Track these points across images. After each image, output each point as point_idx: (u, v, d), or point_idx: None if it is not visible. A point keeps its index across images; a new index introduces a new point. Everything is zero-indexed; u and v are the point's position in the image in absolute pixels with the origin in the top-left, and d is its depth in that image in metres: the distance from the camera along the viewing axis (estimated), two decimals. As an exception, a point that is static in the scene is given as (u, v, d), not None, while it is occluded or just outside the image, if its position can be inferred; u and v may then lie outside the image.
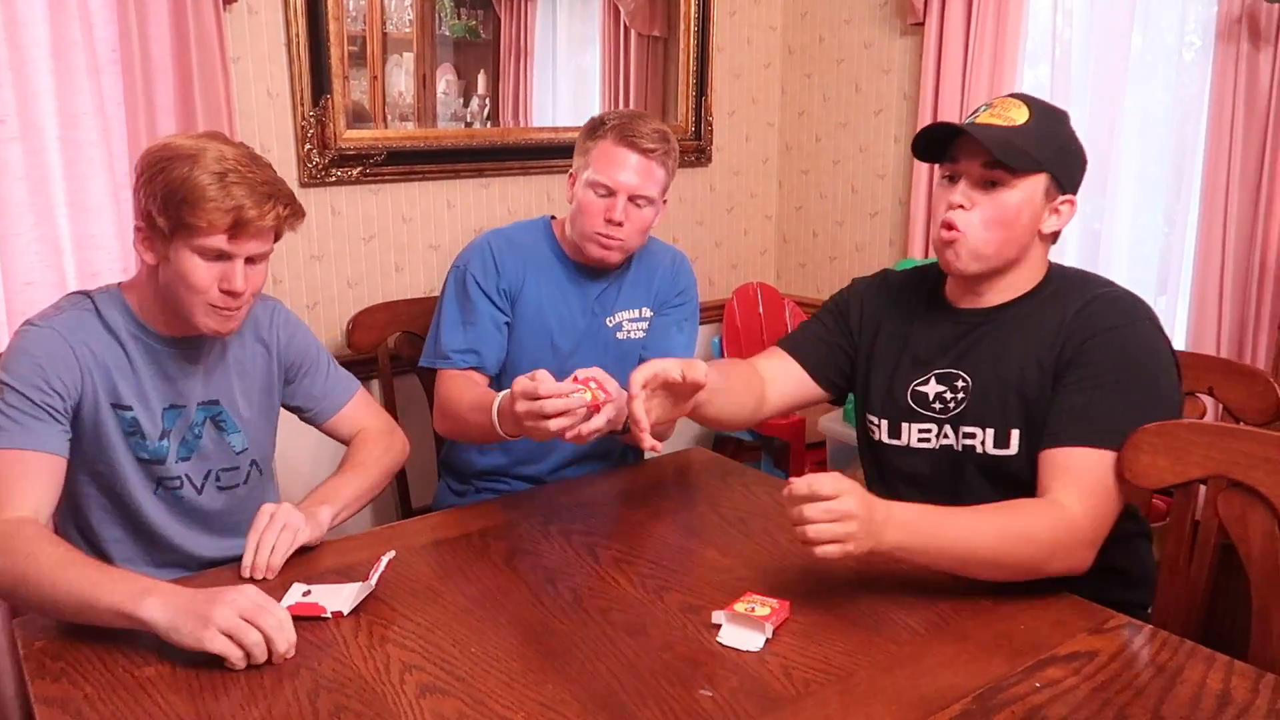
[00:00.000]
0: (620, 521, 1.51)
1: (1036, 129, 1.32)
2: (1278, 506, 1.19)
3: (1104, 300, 1.34)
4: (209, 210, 1.25)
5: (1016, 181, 1.31)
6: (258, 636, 1.08)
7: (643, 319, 1.86)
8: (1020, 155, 1.30)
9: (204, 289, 1.31)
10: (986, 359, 1.38)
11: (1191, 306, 2.08)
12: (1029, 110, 1.33)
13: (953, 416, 1.40)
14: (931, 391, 1.41)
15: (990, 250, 1.34)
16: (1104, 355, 1.28)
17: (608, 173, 1.68)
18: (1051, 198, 1.34)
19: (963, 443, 1.39)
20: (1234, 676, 1.07)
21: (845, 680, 1.07)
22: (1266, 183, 1.92)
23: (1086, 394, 1.28)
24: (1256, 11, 1.90)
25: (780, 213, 3.03)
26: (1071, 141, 1.37)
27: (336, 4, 2.07)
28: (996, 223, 1.32)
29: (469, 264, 1.78)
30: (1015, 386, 1.35)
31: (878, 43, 2.67)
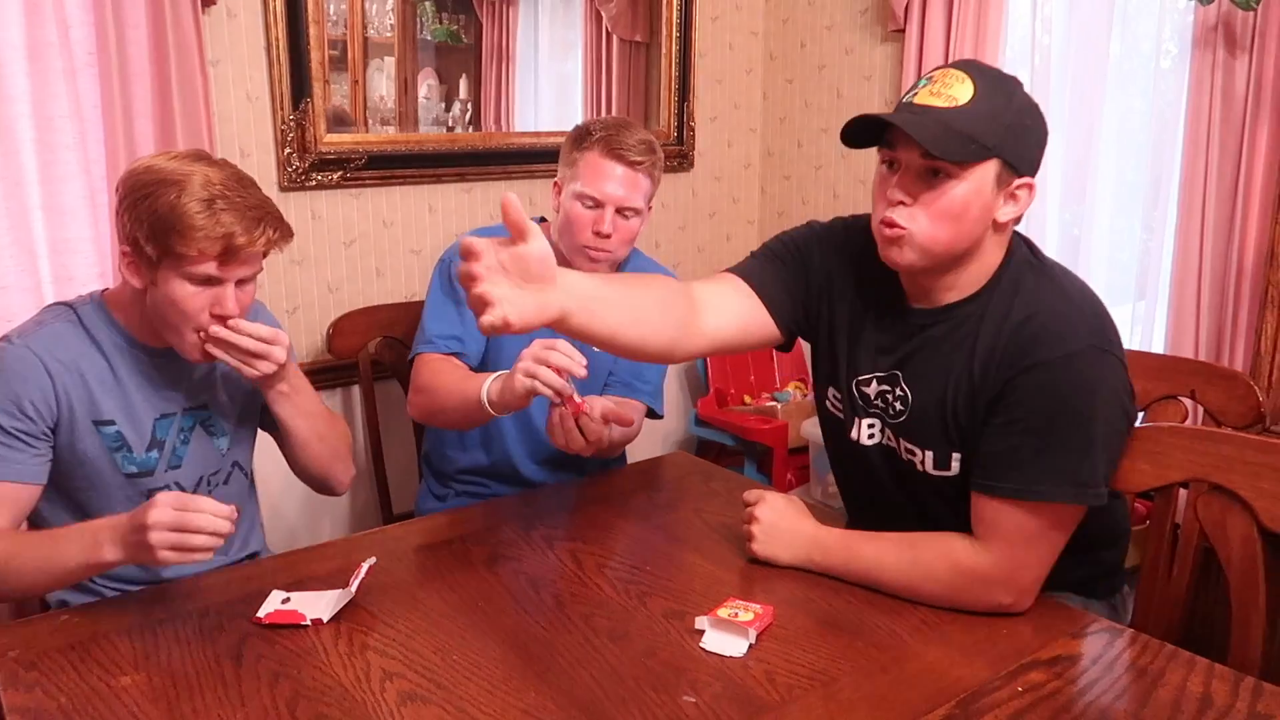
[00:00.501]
0: (603, 526, 1.51)
1: (981, 107, 1.16)
2: (1256, 510, 1.20)
3: (1041, 320, 1.19)
4: (198, 239, 1.24)
5: (963, 171, 1.16)
6: (201, 539, 1.13)
7: None
8: (962, 146, 1.15)
9: (194, 314, 1.30)
10: (926, 373, 1.28)
11: (1170, 311, 2.09)
12: (973, 85, 1.16)
13: (894, 424, 1.33)
14: (874, 391, 1.34)
15: (940, 247, 1.20)
16: (1034, 393, 1.17)
17: (595, 185, 1.68)
18: (1005, 183, 1.19)
19: (905, 456, 1.33)
20: (1214, 680, 1.08)
21: (829, 686, 1.07)
22: (1243, 188, 1.94)
23: (1014, 438, 1.18)
24: (1232, 20, 1.92)
25: (763, 218, 3.03)
26: (1024, 116, 1.20)
27: (317, 7, 2.05)
28: (943, 216, 1.18)
29: (453, 258, 1.78)
30: (951, 409, 1.25)
31: (859, 49, 2.68)
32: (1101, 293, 1.32)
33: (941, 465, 1.29)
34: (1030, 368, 1.17)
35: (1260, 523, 1.20)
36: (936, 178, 1.17)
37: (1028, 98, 1.22)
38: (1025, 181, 1.21)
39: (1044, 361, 1.16)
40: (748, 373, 2.86)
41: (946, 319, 1.27)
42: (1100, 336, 1.19)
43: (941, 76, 1.19)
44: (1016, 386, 1.18)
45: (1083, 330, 1.18)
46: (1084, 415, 1.16)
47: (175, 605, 1.16)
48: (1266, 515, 1.19)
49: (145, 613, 1.21)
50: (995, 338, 1.21)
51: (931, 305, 1.28)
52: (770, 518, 1.33)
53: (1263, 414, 1.56)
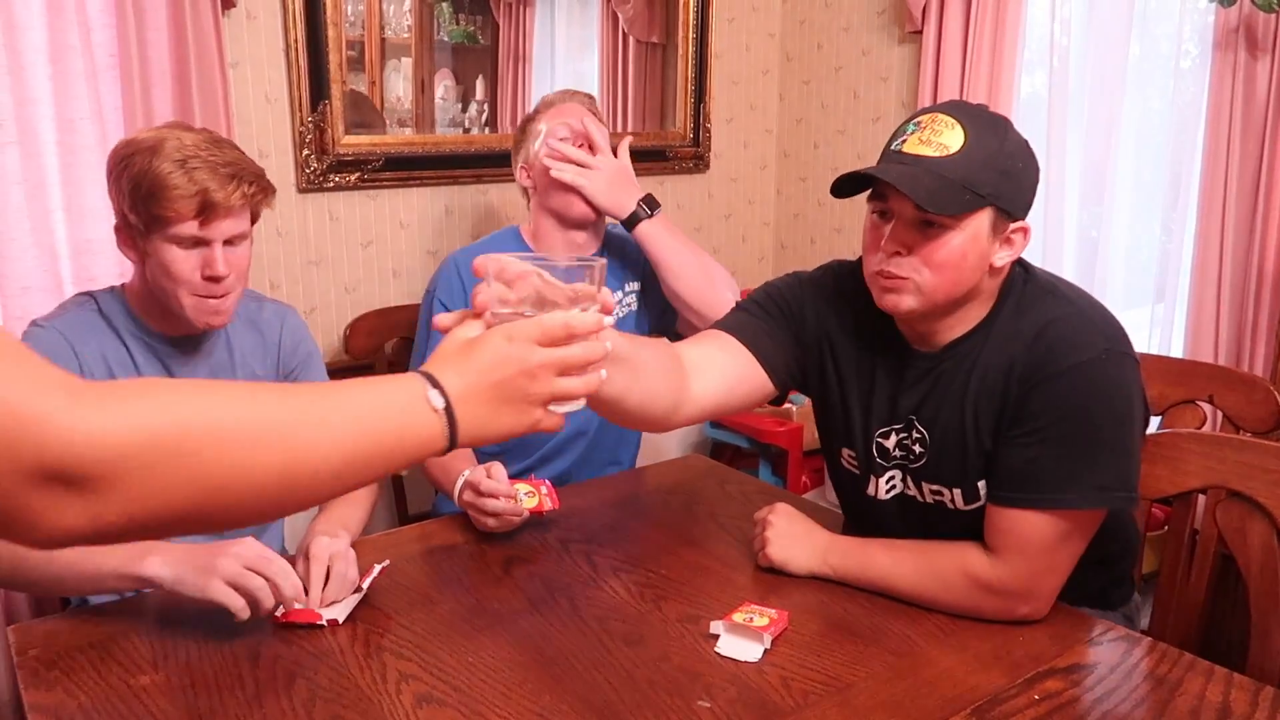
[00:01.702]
0: (618, 530, 1.51)
1: (973, 155, 1.13)
2: (1276, 517, 1.19)
3: (1055, 331, 1.17)
4: (175, 199, 1.26)
5: (958, 221, 1.14)
6: (261, 582, 1.12)
7: (629, 293, 1.90)
8: (956, 198, 1.13)
9: (186, 278, 1.31)
10: (941, 409, 1.25)
11: (1189, 314, 2.08)
12: (963, 131, 1.14)
13: (914, 470, 1.29)
14: (891, 443, 1.31)
15: (940, 295, 1.18)
16: (1050, 404, 1.15)
17: (564, 117, 1.80)
18: (1000, 229, 1.17)
19: (931, 498, 1.30)
20: (1233, 689, 1.07)
21: (844, 692, 1.07)
22: (1264, 191, 1.92)
23: (1031, 449, 1.16)
24: (1254, 21, 1.90)
25: (778, 220, 3.03)
26: (1016, 159, 1.17)
27: (335, 9, 2.06)
28: (941, 266, 1.16)
29: (436, 288, 1.80)
30: (974, 439, 1.22)
31: (876, 50, 2.67)
32: (1119, 295, 1.34)
33: (970, 499, 1.25)
34: (1050, 378, 1.15)
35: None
36: (932, 228, 1.15)
37: (1019, 138, 1.20)
38: (1020, 226, 1.19)
39: (1064, 370, 1.15)
40: (763, 374, 2.85)
41: (951, 355, 1.25)
42: (1114, 340, 1.17)
43: (930, 122, 1.16)
44: (1035, 398, 1.16)
45: (1097, 336, 1.17)
46: (1106, 419, 1.15)
47: (193, 604, 1.16)
48: (1287, 523, 1.18)
49: (164, 612, 1.22)
50: (1011, 357, 1.19)
51: (933, 348, 1.26)
52: (783, 525, 1.33)
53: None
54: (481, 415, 0.81)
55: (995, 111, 1.23)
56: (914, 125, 1.18)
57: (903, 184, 1.12)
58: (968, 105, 1.21)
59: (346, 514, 1.44)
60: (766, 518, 1.35)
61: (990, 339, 1.22)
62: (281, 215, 2.11)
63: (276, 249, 2.12)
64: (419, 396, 0.79)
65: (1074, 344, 1.16)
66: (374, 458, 0.77)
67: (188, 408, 0.68)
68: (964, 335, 1.24)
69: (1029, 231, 1.20)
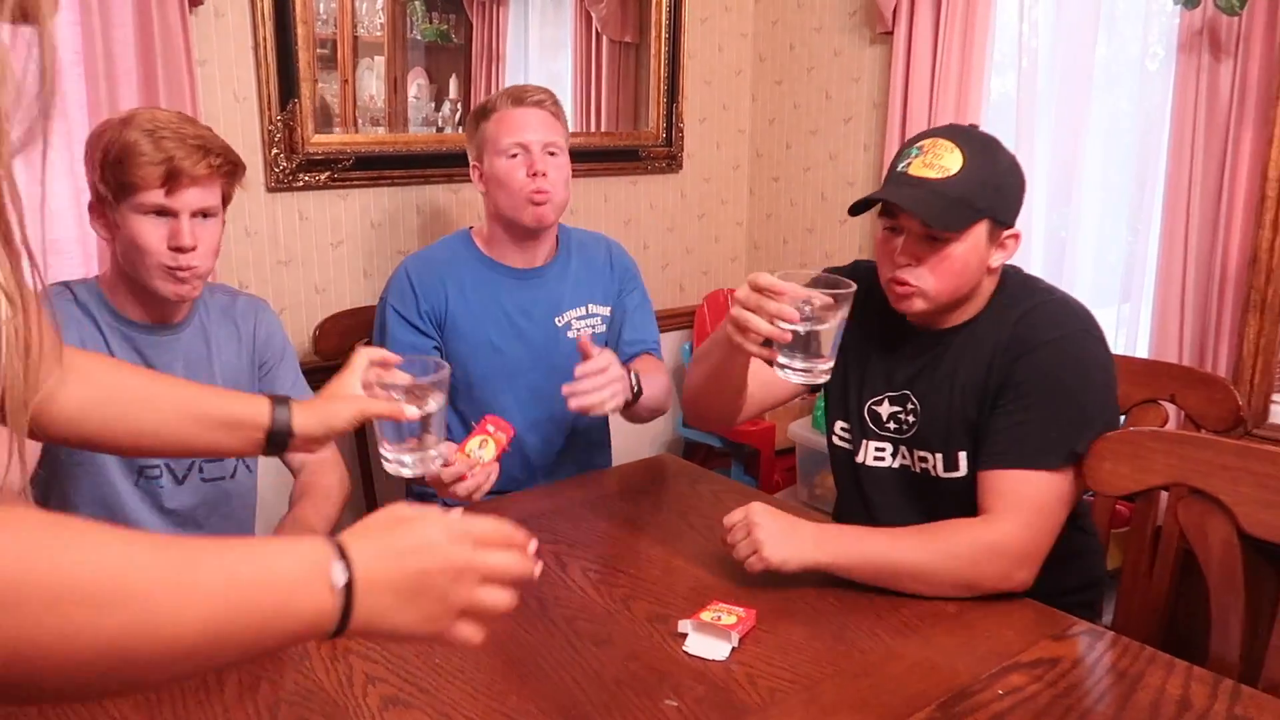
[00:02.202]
0: (588, 529, 1.51)
1: (972, 175, 1.30)
2: (1236, 514, 1.21)
3: (1036, 314, 1.34)
4: (142, 165, 1.29)
5: (959, 235, 1.31)
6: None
7: (593, 316, 1.86)
8: (958, 215, 1.29)
9: (154, 249, 1.33)
10: (935, 382, 1.40)
11: (1154, 314, 2.11)
12: (962, 154, 1.30)
13: (907, 439, 1.43)
14: (885, 412, 1.44)
15: (946, 296, 1.35)
16: (1033, 373, 1.30)
17: (514, 134, 1.72)
18: (995, 237, 1.34)
19: (919, 465, 1.43)
20: (1193, 682, 1.08)
21: (811, 689, 1.07)
22: (1227, 192, 1.95)
23: (1018, 414, 1.30)
24: (1217, 24, 1.93)
25: (751, 219, 3.04)
26: (1008, 176, 1.35)
27: (305, 7, 2.05)
28: (947, 273, 1.33)
29: (389, 294, 1.78)
30: (958, 410, 1.37)
31: (847, 51, 2.69)
32: (1087, 295, 1.43)
33: (949, 466, 1.39)
34: (1033, 349, 1.31)
35: (1240, 527, 1.21)
36: (937, 241, 1.31)
37: (1008, 156, 1.36)
38: (1013, 232, 1.36)
39: (1042, 343, 1.31)
40: (736, 373, 2.86)
41: (954, 339, 1.40)
42: (1089, 324, 1.34)
43: (931, 147, 1.32)
44: (1019, 369, 1.31)
45: (1073, 319, 1.34)
46: (1079, 388, 1.30)
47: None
48: (1246, 519, 1.20)
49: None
50: (997, 339, 1.35)
51: (935, 328, 1.42)
52: (770, 524, 1.27)
53: (1242, 418, 1.57)
54: (385, 605, 0.71)
55: (984, 132, 1.39)
56: (917, 149, 1.33)
57: (914, 207, 1.29)
58: (962, 128, 1.37)
59: (318, 511, 1.44)
60: (751, 520, 1.27)
61: (987, 321, 1.38)
62: (250, 215, 2.09)
63: (246, 249, 2.10)
64: (319, 568, 0.68)
65: (1053, 322, 1.33)
66: (245, 633, 0.64)
67: (12, 552, 0.56)
68: (965, 321, 1.40)
69: (1020, 236, 1.37)
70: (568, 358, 1.81)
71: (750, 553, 1.25)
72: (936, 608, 1.23)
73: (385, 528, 0.75)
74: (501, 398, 1.78)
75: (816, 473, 2.63)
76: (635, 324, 1.90)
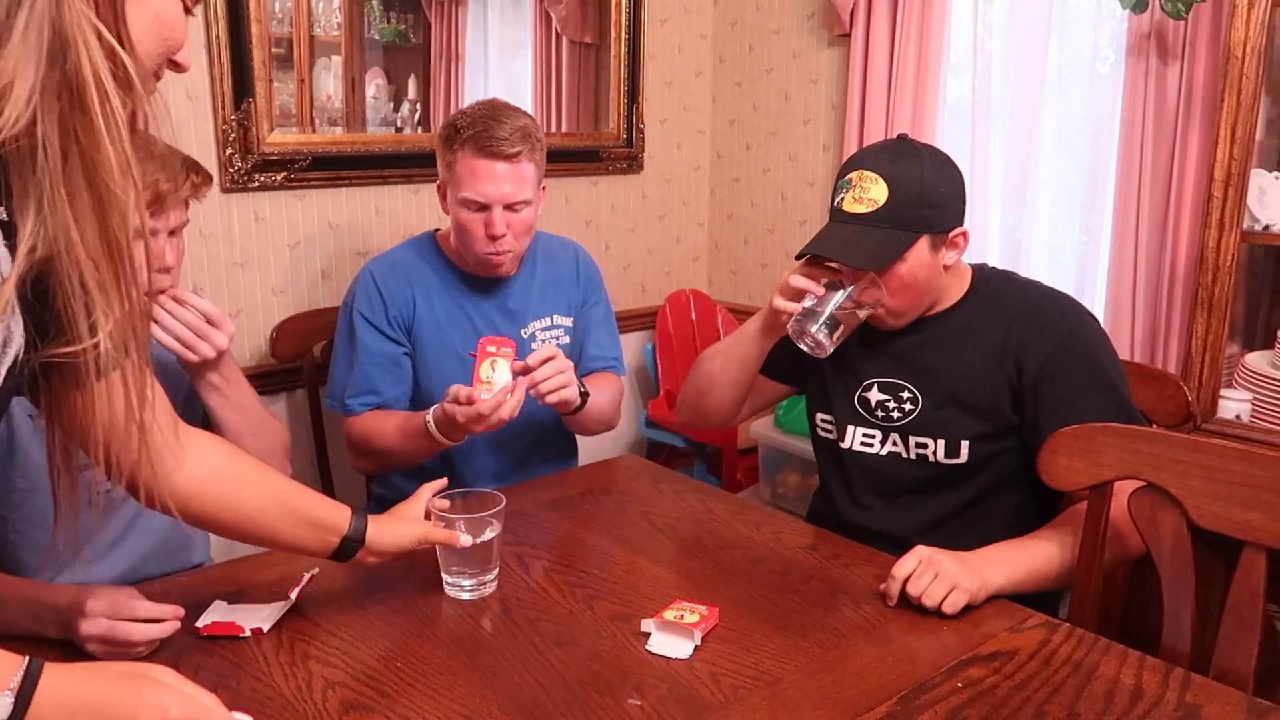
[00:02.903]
0: (550, 530, 1.50)
1: (899, 202, 1.36)
2: (1186, 506, 1.23)
3: (1043, 307, 1.43)
4: None
5: (900, 257, 1.37)
6: (137, 646, 1.07)
7: (557, 327, 1.84)
8: (889, 248, 1.36)
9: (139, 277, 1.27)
10: (932, 371, 1.46)
11: (1107, 312, 2.15)
12: (886, 184, 1.36)
13: (901, 427, 1.48)
14: (874, 399, 1.49)
15: (908, 306, 1.43)
16: (1072, 365, 1.39)
17: (476, 188, 1.61)
18: (940, 244, 1.40)
19: (915, 452, 1.47)
20: (1145, 671, 1.11)
21: (773, 685, 1.08)
22: (1175, 193, 1.99)
23: (1077, 404, 1.36)
24: (1164, 28, 1.97)
25: (712, 220, 3.05)
26: (937, 187, 1.38)
27: (259, 6, 2.02)
28: (899, 291, 1.40)
29: (355, 299, 1.74)
30: (967, 400, 1.43)
31: (806, 53, 2.71)
32: None
33: (951, 453, 1.45)
34: (1059, 344, 1.39)
35: (1190, 519, 1.23)
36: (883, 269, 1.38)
37: (935, 167, 1.40)
38: (959, 231, 1.42)
39: (1067, 335, 1.39)
40: (698, 374, 2.87)
41: (935, 324, 1.47)
42: (1082, 306, 1.46)
43: (859, 180, 1.38)
44: (1054, 364, 1.38)
45: (1072, 308, 1.44)
46: (1109, 361, 1.40)
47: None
48: (1195, 511, 1.23)
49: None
50: (1004, 332, 1.42)
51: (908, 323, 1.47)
52: (949, 559, 1.23)
53: (1192, 413, 1.60)
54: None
55: (910, 141, 1.43)
56: (846, 184, 1.40)
57: (843, 256, 1.38)
58: (890, 147, 1.42)
59: None
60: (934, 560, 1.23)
61: (975, 309, 1.46)
62: (205, 216, 2.06)
63: (200, 250, 2.06)
64: None
65: (1064, 312, 1.43)
66: None
67: None
68: (942, 311, 1.47)
69: (968, 234, 1.43)
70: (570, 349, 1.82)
71: (947, 590, 1.21)
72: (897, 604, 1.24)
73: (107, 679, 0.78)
74: None
75: (779, 472, 2.65)
76: (599, 340, 1.89)
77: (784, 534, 1.48)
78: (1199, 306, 1.85)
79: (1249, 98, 1.74)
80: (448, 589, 1.29)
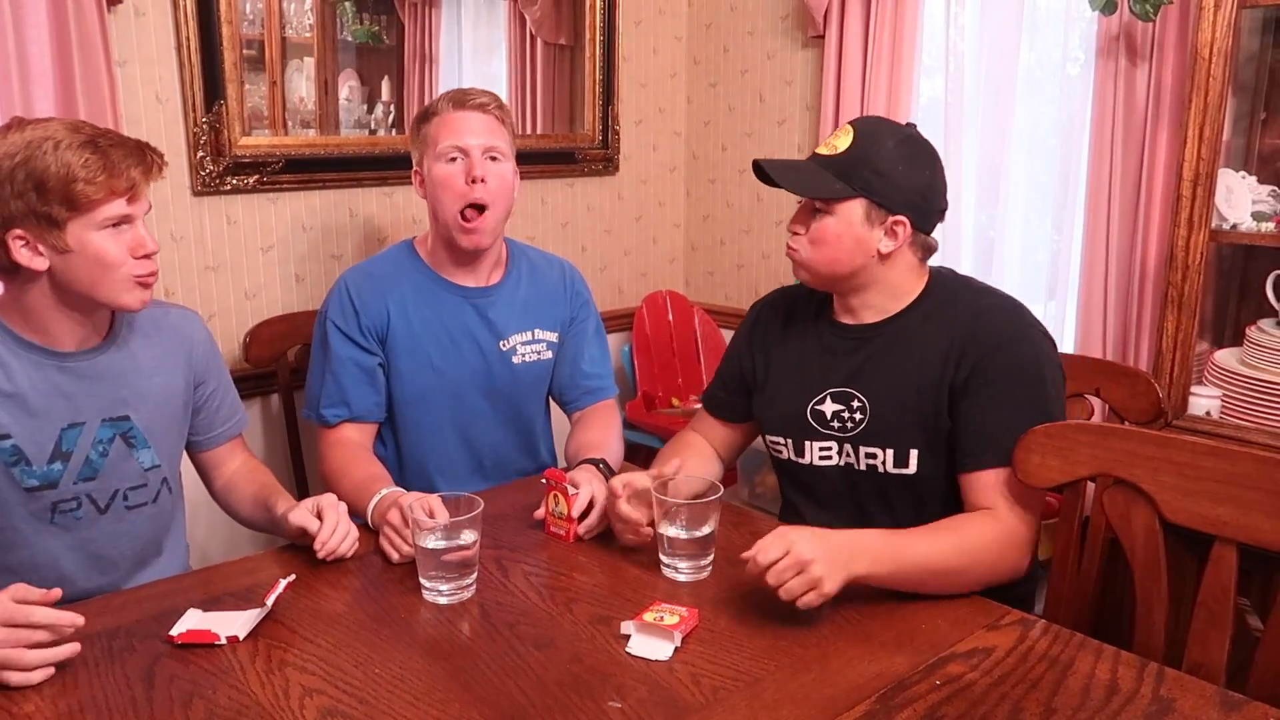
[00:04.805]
0: (529, 535, 1.50)
1: (854, 155, 1.37)
2: (1158, 502, 1.25)
3: (991, 314, 1.40)
4: (102, 181, 1.24)
5: (833, 207, 1.38)
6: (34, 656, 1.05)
7: (539, 341, 1.81)
8: (825, 186, 1.37)
9: (120, 261, 1.28)
10: (880, 379, 1.43)
11: (1079, 310, 2.17)
12: (853, 136, 1.39)
13: (852, 436, 1.45)
14: (829, 410, 1.46)
15: (821, 268, 1.42)
16: (998, 374, 1.35)
17: (454, 138, 1.64)
18: (878, 220, 1.38)
19: (865, 462, 1.45)
20: (1120, 666, 1.12)
21: (753, 686, 1.08)
22: (1144, 193, 2.02)
23: (988, 414, 1.35)
24: (1133, 29, 1.99)
25: (688, 221, 3.05)
26: (895, 163, 1.37)
27: (230, 7, 2.00)
28: (817, 242, 1.40)
29: (328, 309, 1.72)
30: (913, 407, 1.40)
31: (780, 54, 2.72)
32: (1015, 292, 1.50)
33: (900, 463, 1.42)
34: (993, 348, 1.36)
35: (1161, 514, 1.25)
36: (817, 214, 1.39)
37: (905, 147, 1.39)
38: (897, 219, 1.38)
39: (1004, 341, 1.36)
40: (675, 375, 2.88)
41: (883, 332, 1.44)
42: (1036, 323, 1.42)
43: (838, 130, 1.42)
44: (982, 368, 1.36)
45: (1025, 317, 1.41)
46: (1040, 383, 1.37)
47: (84, 625, 1.11)
48: (1167, 507, 1.24)
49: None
50: (950, 337, 1.39)
51: (858, 322, 1.47)
52: (817, 550, 1.17)
53: (1163, 410, 1.62)
54: None
55: (908, 128, 1.42)
56: (833, 133, 1.42)
57: (774, 173, 1.40)
58: (877, 119, 1.45)
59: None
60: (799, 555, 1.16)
61: (927, 319, 1.42)
62: (176, 219, 2.04)
63: (172, 254, 2.04)
64: None
65: (1009, 322, 1.39)
66: None
67: None
68: (889, 318, 1.44)
69: (907, 225, 1.39)
70: (511, 383, 1.79)
71: (806, 589, 1.15)
72: (875, 603, 1.25)
73: None
74: (437, 417, 1.75)
75: (757, 472, 2.65)
76: (593, 357, 1.86)
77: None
78: (1169, 304, 1.87)
79: (1216, 98, 1.77)
80: (425, 594, 1.28)
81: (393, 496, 1.43)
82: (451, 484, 1.74)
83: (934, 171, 1.42)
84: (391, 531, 1.38)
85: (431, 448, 1.77)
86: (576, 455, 1.67)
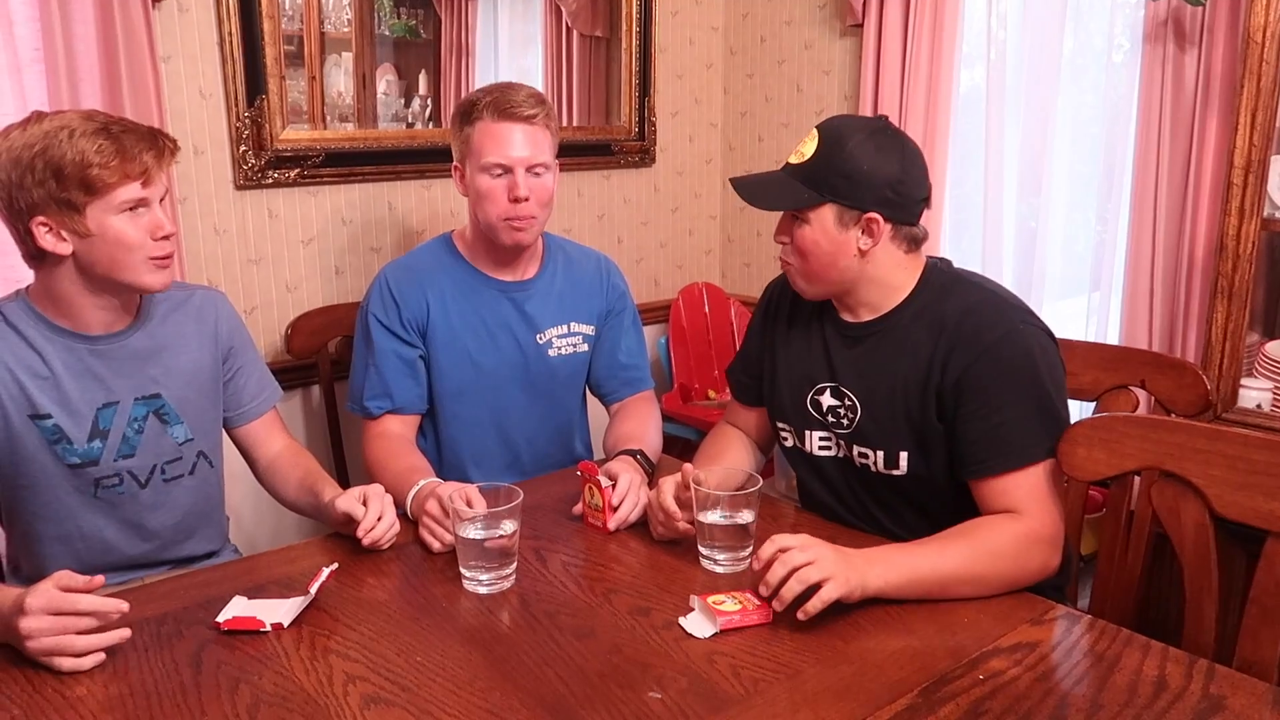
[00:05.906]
0: (567, 525, 1.50)
1: (817, 162, 1.36)
2: (1208, 496, 1.22)
3: (976, 312, 1.35)
4: (118, 165, 1.27)
5: (807, 215, 1.37)
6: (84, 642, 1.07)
7: (575, 334, 1.82)
8: (791, 197, 1.37)
9: (140, 243, 1.31)
10: (869, 379, 1.41)
11: (1124, 302, 2.13)
12: (818, 142, 1.37)
13: (846, 434, 1.45)
14: (826, 403, 1.46)
15: (811, 275, 1.41)
16: (990, 378, 1.31)
17: (498, 152, 1.63)
18: (850, 221, 1.35)
19: (859, 461, 1.44)
20: (1169, 663, 1.10)
21: (793, 678, 1.07)
22: (1193, 181, 1.98)
23: (991, 419, 1.31)
24: (1181, 15, 1.95)
25: (724, 213, 3.04)
26: (859, 163, 1.34)
27: (271, 2, 2.02)
28: (799, 252, 1.40)
29: (369, 304, 1.74)
30: (901, 409, 1.38)
31: (818, 44, 2.69)
32: (1057, 284, 1.43)
33: (890, 464, 1.40)
34: (982, 351, 1.32)
35: (1212, 508, 1.22)
36: (796, 222, 1.39)
37: (871, 142, 1.35)
38: (870, 216, 1.35)
39: (992, 342, 1.32)
40: (711, 368, 2.87)
41: (876, 331, 1.42)
42: (1027, 316, 1.36)
43: (806, 137, 1.40)
44: (973, 374, 1.32)
45: (1012, 313, 1.35)
46: (1036, 378, 1.32)
47: (132, 611, 1.13)
48: (1218, 501, 1.21)
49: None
50: (937, 337, 1.35)
51: (855, 319, 1.45)
52: (825, 552, 1.18)
53: (1211, 402, 1.59)
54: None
55: (875, 120, 1.40)
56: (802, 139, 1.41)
57: (748, 193, 1.42)
58: (843, 118, 1.42)
59: None
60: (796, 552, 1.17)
61: (916, 318, 1.39)
62: (219, 213, 2.07)
63: (214, 247, 2.07)
64: None
65: (995, 320, 1.34)
66: None
67: None
68: (882, 315, 1.42)
69: (880, 222, 1.36)
70: (547, 376, 1.80)
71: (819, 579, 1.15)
72: (916, 595, 1.24)
73: None
74: (476, 410, 1.76)
75: (793, 465, 2.64)
76: (630, 349, 1.87)
77: (801, 526, 1.47)
78: (1218, 295, 1.83)
79: (1269, 83, 1.73)
80: (466, 583, 1.29)
81: (430, 487, 1.44)
82: (487, 477, 1.74)
83: (905, 162, 1.37)
84: (431, 521, 1.39)
85: (469, 441, 1.78)
86: (615, 447, 1.68)
